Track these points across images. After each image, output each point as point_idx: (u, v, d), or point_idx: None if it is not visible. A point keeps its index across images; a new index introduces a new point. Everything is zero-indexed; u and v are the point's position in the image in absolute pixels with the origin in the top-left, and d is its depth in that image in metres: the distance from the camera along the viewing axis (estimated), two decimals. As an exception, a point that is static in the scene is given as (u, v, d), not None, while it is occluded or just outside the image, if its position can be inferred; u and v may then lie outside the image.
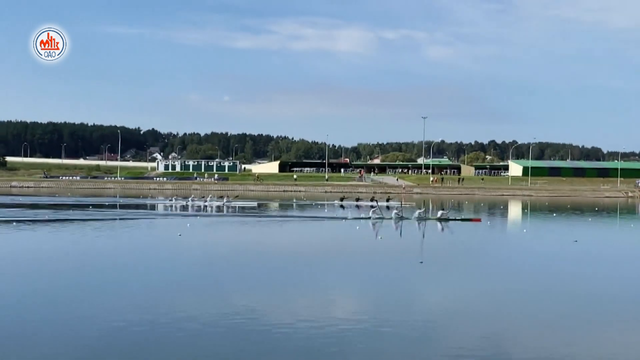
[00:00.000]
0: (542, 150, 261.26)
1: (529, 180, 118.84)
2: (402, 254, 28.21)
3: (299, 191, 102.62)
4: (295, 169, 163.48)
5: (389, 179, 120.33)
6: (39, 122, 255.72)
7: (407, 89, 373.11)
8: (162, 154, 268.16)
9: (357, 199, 64.69)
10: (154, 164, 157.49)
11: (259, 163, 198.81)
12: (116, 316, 15.08)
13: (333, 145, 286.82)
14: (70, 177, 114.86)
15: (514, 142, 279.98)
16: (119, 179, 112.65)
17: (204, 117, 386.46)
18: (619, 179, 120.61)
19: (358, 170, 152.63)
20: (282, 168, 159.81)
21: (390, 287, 20.03)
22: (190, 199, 62.66)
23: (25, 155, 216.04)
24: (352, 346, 13.25)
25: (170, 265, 23.63)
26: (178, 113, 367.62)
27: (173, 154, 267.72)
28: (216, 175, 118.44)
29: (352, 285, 20.59)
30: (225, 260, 25.43)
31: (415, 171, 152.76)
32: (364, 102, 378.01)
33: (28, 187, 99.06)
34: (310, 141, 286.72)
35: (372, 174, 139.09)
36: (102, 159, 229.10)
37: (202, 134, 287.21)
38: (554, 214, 57.81)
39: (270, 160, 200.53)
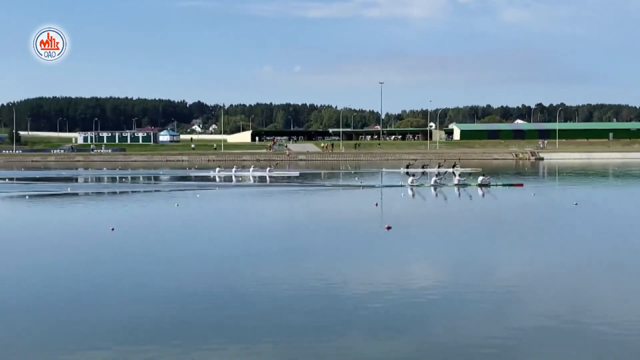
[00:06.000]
0: (591, 112, 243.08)
1: (430, 144, 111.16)
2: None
3: (185, 160, 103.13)
4: (268, 137, 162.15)
5: (300, 146, 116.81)
6: (83, 97, 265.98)
7: (481, 53, 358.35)
8: (202, 125, 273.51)
9: (424, 166, 61.17)
10: (77, 135, 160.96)
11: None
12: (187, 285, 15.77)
13: (379, 112, 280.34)
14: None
15: (562, 104, 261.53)
16: (17, 152, 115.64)
17: (274, 88, 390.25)
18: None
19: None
20: (254, 137, 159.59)
21: (443, 254, 20.49)
22: (234, 169, 64.82)
23: (63, 131, 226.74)
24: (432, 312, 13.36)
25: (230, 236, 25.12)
26: (248, 85, 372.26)
27: (214, 125, 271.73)
28: (103, 147, 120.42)
29: (428, 254, 20.72)
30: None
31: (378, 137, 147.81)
32: (436, 68, 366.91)
33: None
34: (357, 109, 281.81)
35: (291, 141, 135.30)
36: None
37: (247, 105, 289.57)
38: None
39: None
